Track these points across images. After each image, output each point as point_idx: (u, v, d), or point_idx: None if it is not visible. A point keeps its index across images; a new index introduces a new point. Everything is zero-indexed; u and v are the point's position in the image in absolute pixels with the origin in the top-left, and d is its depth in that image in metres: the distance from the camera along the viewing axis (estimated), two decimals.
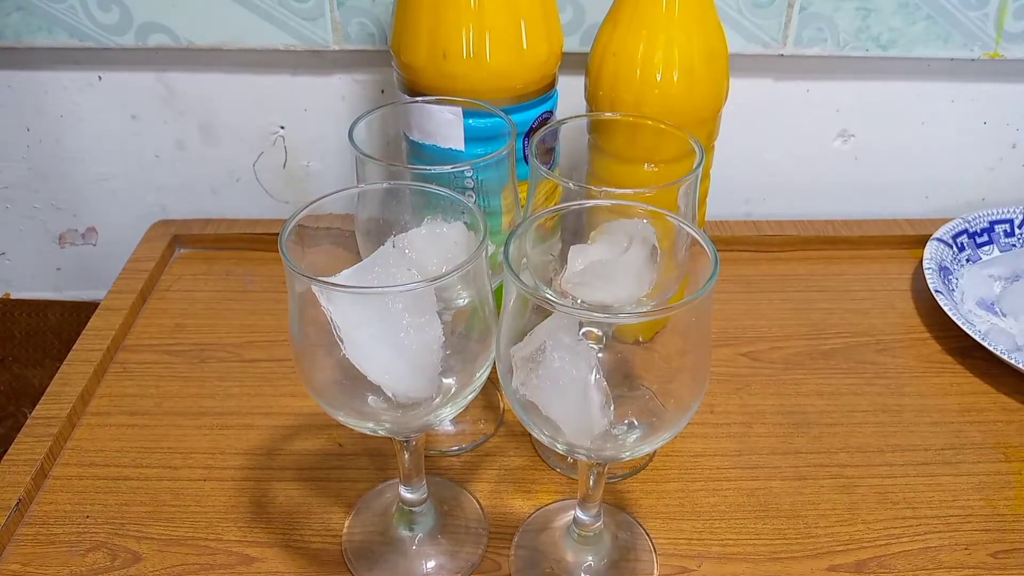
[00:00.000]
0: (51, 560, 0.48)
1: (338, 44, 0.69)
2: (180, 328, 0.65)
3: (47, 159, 0.76)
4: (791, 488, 0.53)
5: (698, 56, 0.51)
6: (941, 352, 0.64)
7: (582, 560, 0.48)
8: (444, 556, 0.49)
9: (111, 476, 0.53)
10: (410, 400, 0.39)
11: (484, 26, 0.51)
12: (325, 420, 0.56)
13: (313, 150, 0.76)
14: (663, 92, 0.51)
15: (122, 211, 0.79)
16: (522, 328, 0.37)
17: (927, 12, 0.68)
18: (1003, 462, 0.55)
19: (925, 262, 0.68)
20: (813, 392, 0.60)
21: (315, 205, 0.40)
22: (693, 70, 0.51)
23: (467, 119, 0.51)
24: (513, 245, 0.37)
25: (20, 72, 0.72)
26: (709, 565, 0.48)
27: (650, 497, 0.53)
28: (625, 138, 0.52)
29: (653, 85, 0.51)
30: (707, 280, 0.35)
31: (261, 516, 0.51)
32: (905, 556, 0.49)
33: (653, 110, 0.51)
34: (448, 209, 0.41)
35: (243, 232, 0.74)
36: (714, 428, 0.57)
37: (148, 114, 0.74)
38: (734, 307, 0.68)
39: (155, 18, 0.68)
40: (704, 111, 0.53)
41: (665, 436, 0.39)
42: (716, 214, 0.79)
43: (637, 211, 0.42)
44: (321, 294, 0.36)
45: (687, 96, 0.51)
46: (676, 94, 0.51)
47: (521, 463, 0.55)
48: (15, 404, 0.80)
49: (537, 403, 0.37)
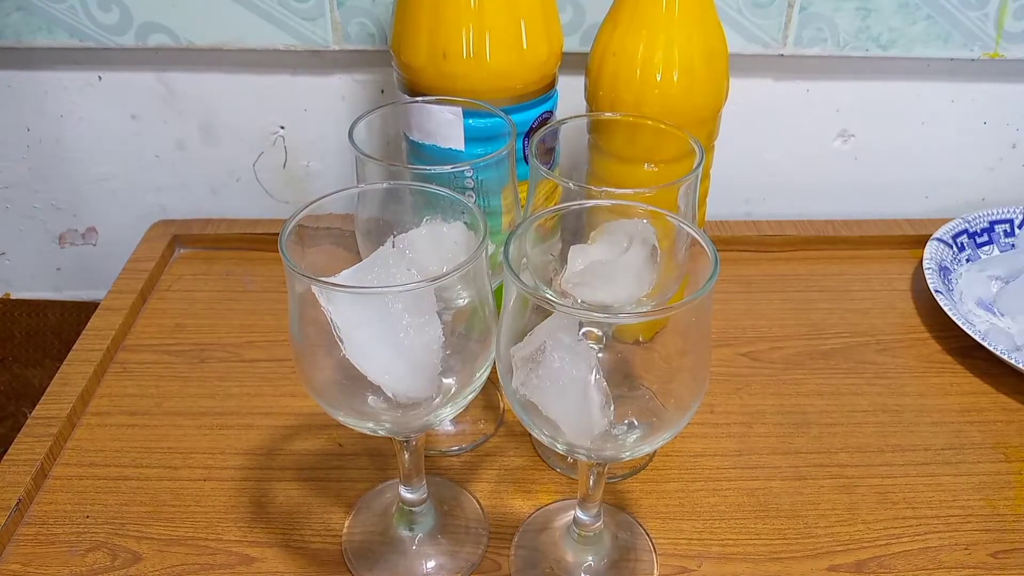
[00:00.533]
0: (51, 560, 0.48)
1: (338, 44, 0.69)
2: (180, 328, 0.65)
3: (47, 159, 0.76)
4: (791, 488, 0.53)
5: (698, 56, 0.51)
6: (941, 352, 0.64)
7: (582, 560, 0.48)
8: (444, 556, 0.49)
9: (111, 476, 0.53)
10: (410, 400, 0.39)
11: (484, 26, 0.51)
12: (325, 420, 0.56)
13: (313, 150, 0.76)
14: (663, 92, 0.51)
15: (122, 211, 0.79)
16: (522, 328, 0.37)
17: (927, 12, 0.68)
18: (1003, 462, 0.55)
19: (925, 262, 0.68)
20: (813, 392, 0.60)
21: (315, 205, 0.40)
22: (693, 70, 0.51)
23: (467, 119, 0.51)
24: (513, 245, 0.37)
25: (20, 72, 0.72)
26: (709, 565, 0.48)
27: (650, 497, 0.53)
28: (625, 138, 0.52)
29: (653, 85, 0.51)
30: (707, 280, 0.35)
31: (261, 516, 0.51)
32: (905, 556, 0.49)
33: (653, 110, 0.51)
34: (448, 209, 0.41)
35: (243, 232, 0.74)
36: (714, 428, 0.57)
37: (148, 114, 0.74)
38: (734, 307, 0.68)
39: (155, 18, 0.68)
40: (704, 111, 0.53)
41: (665, 436, 0.39)
42: (716, 214, 0.79)
43: (637, 211, 0.42)
44: (321, 294, 0.36)
45: (687, 96, 0.51)
46: (676, 94, 0.51)
47: (521, 463, 0.55)
48: (15, 404, 0.80)
49: (537, 403, 0.37)
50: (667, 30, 0.50)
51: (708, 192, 0.58)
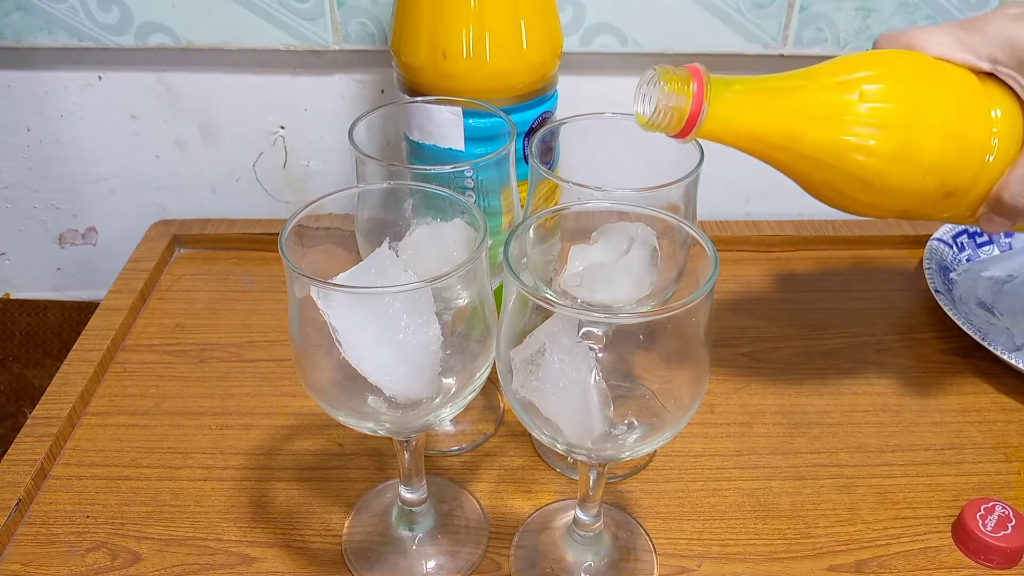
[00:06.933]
0: (51, 560, 0.48)
1: (338, 44, 0.69)
2: (180, 328, 0.65)
3: (47, 159, 0.76)
4: (791, 488, 0.53)
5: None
6: (941, 352, 0.64)
7: (582, 560, 0.49)
8: (444, 556, 0.49)
9: (111, 476, 0.53)
10: (410, 400, 0.39)
11: (484, 26, 0.51)
12: (325, 420, 0.56)
13: (313, 150, 0.76)
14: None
15: (122, 211, 0.79)
16: (522, 328, 0.37)
17: (927, 12, 0.68)
18: (1003, 462, 0.55)
19: (925, 262, 0.68)
20: (813, 392, 0.60)
21: (315, 205, 0.40)
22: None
23: (467, 119, 0.51)
24: (513, 245, 0.37)
25: (20, 72, 0.72)
26: (709, 565, 0.48)
27: (650, 497, 0.53)
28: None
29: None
30: (707, 280, 0.35)
31: (261, 516, 0.51)
32: (905, 556, 0.49)
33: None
34: (448, 209, 0.41)
35: (243, 232, 0.74)
36: (714, 428, 0.57)
37: (148, 114, 0.74)
38: (734, 307, 0.68)
39: (155, 18, 0.68)
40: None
41: (665, 436, 0.39)
42: (716, 214, 0.79)
43: (637, 211, 0.42)
44: (319, 295, 0.36)
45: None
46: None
47: (521, 463, 0.55)
48: (15, 404, 0.80)
49: (537, 404, 0.37)
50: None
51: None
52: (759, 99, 0.43)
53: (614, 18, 0.68)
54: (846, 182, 0.44)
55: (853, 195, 0.45)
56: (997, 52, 0.43)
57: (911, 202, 0.45)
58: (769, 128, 0.43)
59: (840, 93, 0.42)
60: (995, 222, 0.46)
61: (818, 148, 0.43)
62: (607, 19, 0.68)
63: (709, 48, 0.70)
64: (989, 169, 0.44)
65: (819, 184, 0.45)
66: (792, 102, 0.43)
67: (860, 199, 0.45)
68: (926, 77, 0.43)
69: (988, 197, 0.45)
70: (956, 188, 0.44)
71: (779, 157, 0.44)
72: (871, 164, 0.43)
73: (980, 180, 0.44)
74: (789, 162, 0.44)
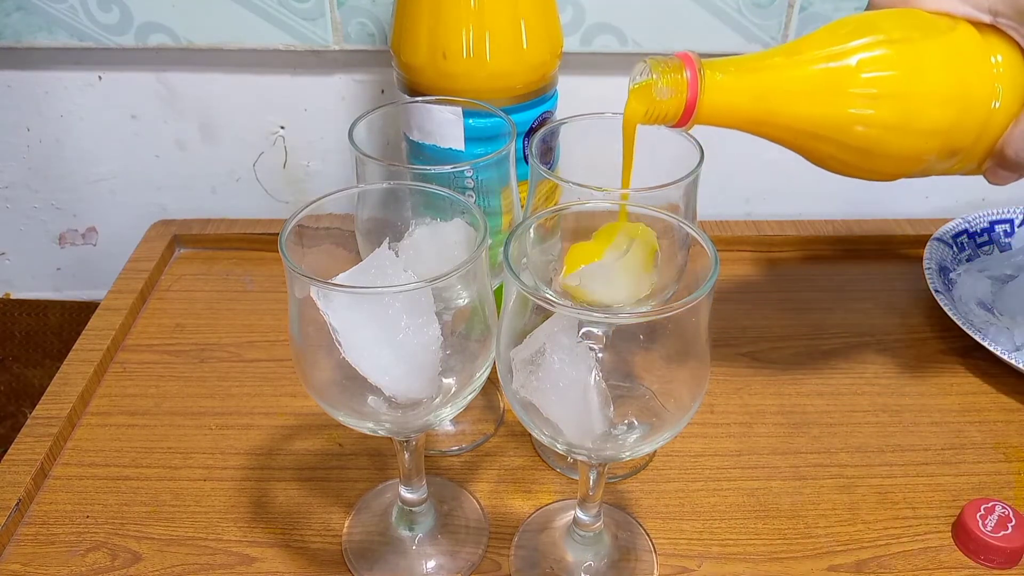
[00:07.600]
0: (51, 560, 0.48)
1: (338, 44, 0.69)
2: (180, 328, 0.65)
3: (47, 159, 0.76)
4: (791, 488, 0.53)
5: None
6: (941, 352, 0.64)
7: (582, 560, 0.48)
8: (444, 556, 0.49)
9: (111, 476, 0.53)
10: (410, 400, 0.39)
11: (484, 26, 0.51)
12: (325, 420, 0.56)
13: (313, 150, 0.76)
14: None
15: (122, 211, 0.79)
16: (522, 328, 0.37)
17: None
18: (1003, 462, 0.55)
19: (925, 262, 0.68)
20: (813, 392, 0.60)
21: (315, 205, 0.40)
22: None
23: (467, 119, 0.51)
24: (513, 245, 0.37)
25: (20, 72, 0.72)
26: (709, 565, 0.48)
27: (650, 497, 0.53)
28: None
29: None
30: (707, 280, 0.35)
31: (261, 516, 0.51)
32: (905, 556, 0.49)
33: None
34: (448, 209, 0.41)
35: (243, 232, 0.74)
36: (714, 428, 0.57)
37: (148, 114, 0.74)
38: (734, 307, 0.68)
39: (155, 18, 0.68)
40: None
41: (665, 436, 0.39)
42: (716, 214, 0.79)
43: (637, 211, 0.42)
44: (318, 296, 0.36)
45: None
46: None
47: (521, 463, 0.55)
48: (15, 404, 0.80)
49: (537, 404, 0.37)
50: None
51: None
52: (755, 79, 0.43)
53: (614, 18, 0.68)
54: (850, 152, 0.44)
55: (857, 164, 0.45)
56: (997, 4, 0.43)
57: (917, 166, 0.45)
58: (768, 108, 0.43)
59: (837, 64, 0.42)
60: (1001, 175, 0.46)
61: (819, 123, 0.43)
62: (607, 19, 0.68)
63: (709, 48, 0.70)
64: (994, 124, 0.44)
65: (823, 156, 0.45)
66: (789, 78, 0.43)
67: (864, 167, 0.45)
68: (925, 39, 0.43)
69: (993, 151, 0.45)
70: (960, 147, 0.44)
71: (780, 135, 0.44)
72: (873, 135, 0.43)
73: (984, 136, 0.44)
74: (791, 138, 0.44)
